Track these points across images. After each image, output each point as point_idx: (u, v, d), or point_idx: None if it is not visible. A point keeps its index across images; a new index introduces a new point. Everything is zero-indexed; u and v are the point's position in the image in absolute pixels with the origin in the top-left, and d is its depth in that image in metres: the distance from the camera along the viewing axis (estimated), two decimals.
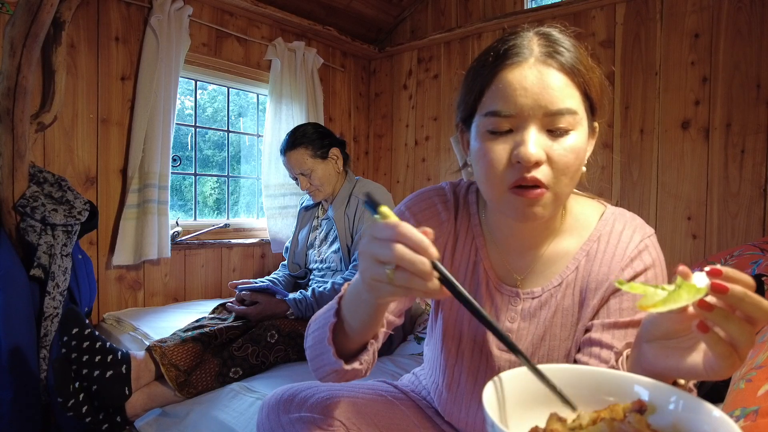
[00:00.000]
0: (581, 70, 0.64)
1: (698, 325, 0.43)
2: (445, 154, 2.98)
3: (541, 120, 0.62)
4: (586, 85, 0.65)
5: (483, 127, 0.65)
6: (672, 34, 2.19)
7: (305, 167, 1.81)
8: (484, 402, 0.42)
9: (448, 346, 0.82)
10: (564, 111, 0.62)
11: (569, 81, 0.63)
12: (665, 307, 0.43)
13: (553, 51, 0.64)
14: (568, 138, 0.63)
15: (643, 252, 0.70)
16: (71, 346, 1.31)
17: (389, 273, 0.50)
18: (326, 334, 0.65)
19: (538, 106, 0.62)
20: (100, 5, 2.00)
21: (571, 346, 0.74)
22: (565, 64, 0.63)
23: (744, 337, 0.42)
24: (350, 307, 0.63)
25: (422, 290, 0.50)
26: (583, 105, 0.65)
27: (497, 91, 0.64)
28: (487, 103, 0.65)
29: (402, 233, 0.49)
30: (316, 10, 2.80)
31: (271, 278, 1.97)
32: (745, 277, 0.42)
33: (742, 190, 2.04)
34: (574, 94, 0.63)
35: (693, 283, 0.43)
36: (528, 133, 0.62)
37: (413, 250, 0.49)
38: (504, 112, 0.63)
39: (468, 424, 0.82)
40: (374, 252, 0.51)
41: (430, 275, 0.49)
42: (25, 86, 1.51)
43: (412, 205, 0.81)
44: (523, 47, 0.64)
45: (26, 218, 1.58)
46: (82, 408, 1.30)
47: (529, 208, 0.64)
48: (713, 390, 1.12)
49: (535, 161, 0.61)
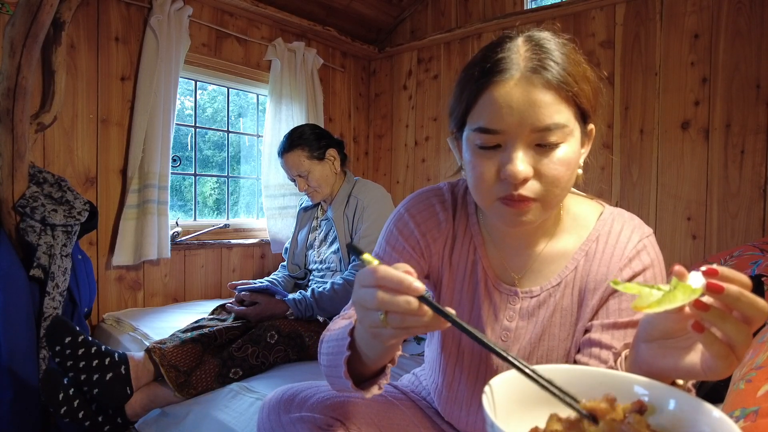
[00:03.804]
0: (570, 82, 0.62)
1: (693, 325, 0.43)
2: (445, 154, 2.98)
3: (529, 136, 0.61)
4: (576, 96, 0.62)
5: (472, 141, 0.65)
6: (672, 34, 2.19)
7: (302, 168, 1.81)
8: (484, 402, 0.42)
9: (448, 347, 0.82)
10: (552, 126, 0.61)
11: (557, 96, 0.61)
12: (660, 308, 0.43)
13: (540, 66, 0.61)
14: (557, 151, 0.62)
15: (642, 252, 0.70)
16: (66, 355, 1.30)
17: (382, 318, 0.51)
18: (342, 366, 0.63)
19: (524, 123, 0.61)
20: (100, 5, 2.00)
21: (571, 346, 0.74)
22: (552, 81, 0.61)
23: (740, 337, 0.42)
24: (363, 344, 0.61)
25: (420, 326, 0.50)
26: (574, 116, 0.63)
27: (484, 107, 0.63)
28: (475, 117, 0.64)
29: (380, 277, 0.50)
30: (316, 11, 2.81)
31: (270, 279, 1.97)
32: (742, 276, 0.42)
33: (741, 191, 2.04)
34: (562, 108, 0.61)
35: (688, 284, 0.43)
36: (515, 151, 0.61)
37: (395, 292, 0.49)
38: (491, 129, 0.62)
39: (468, 424, 0.82)
40: (361, 300, 0.52)
41: (418, 312, 0.49)
42: (25, 86, 1.51)
43: (411, 207, 0.81)
44: (510, 62, 0.62)
45: (26, 218, 1.58)
46: (78, 413, 1.30)
47: (518, 217, 0.65)
48: (713, 390, 1.12)
49: (522, 179, 0.61)
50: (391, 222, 0.82)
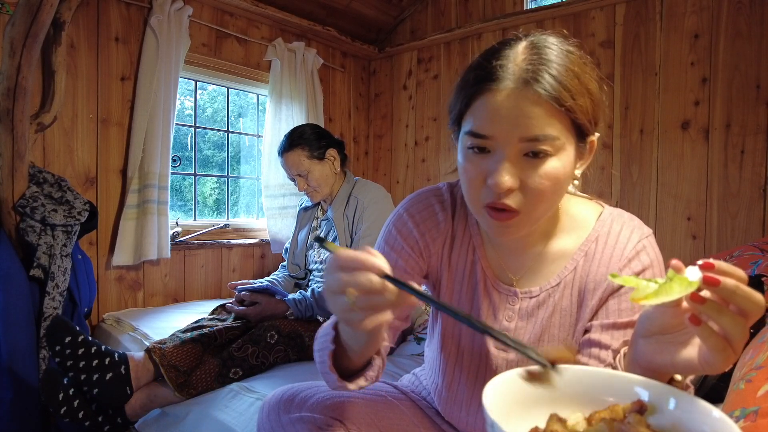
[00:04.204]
0: (565, 97, 0.60)
1: (690, 317, 0.43)
2: (445, 154, 2.97)
3: (518, 145, 0.61)
4: (570, 111, 0.61)
5: (464, 142, 0.66)
6: (672, 34, 2.19)
7: (302, 168, 1.81)
8: (484, 402, 0.42)
9: (447, 347, 0.82)
10: (541, 137, 0.60)
11: (548, 110, 0.60)
12: (657, 300, 0.43)
13: (533, 78, 0.60)
14: (546, 164, 0.61)
15: (641, 252, 0.70)
16: (66, 355, 1.31)
17: (350, 301, 0.51)
18: (327, 361, 0.65)
19: (513, 133, 0.60)
20: (100, 5, 2.00)
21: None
22: (543, 95, 0.59)
23: (737, 330, 0.42)
24: (344, 335, 0.63)
25: (386, 304, 0.51)
26: (567, 130, 0.62)
27: (475, 112, 0.63)
28: (468, 120, 0.65)
29: (341, 259, 0.51)
30: (316, 11, 2.81)
31: (270, 279, 1.97)
32: (738, 270, 0.43)
33: (741, 191, 2.04)
34: (553, 122, 0.60)
35: (685, 276, 0.43)
36: (502, 160, 0.61)
37: (355, 270, 0.51)
38: (480, 134, 0.63)
39: (468, 424, 0.82)
40: (328, 287, 0.54)
41: (380, 289, 0.50)
42: (25, 86, 1.51)
43: (410, 207, 0.81)
44: (505, 71, 0.61)
45: (26, 218, 1.58)
46: (78, 413, 1.30)
47: (501, 228, 0.66)
48: (713, 390, 1.12)
49: (505, 189, 0.61)
50: (390, 222, 0.83)
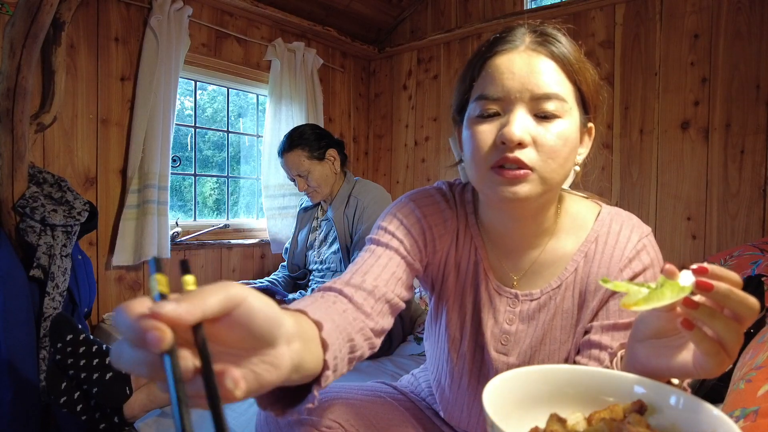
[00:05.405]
0: (573, 62, 0.65)
1: (682, 322, 0.43)
2: (445, 154, 2.97)
3: (528, 104, 0.63)
4: (576, 75, 0.65)
5: (472, 112, 0.66)
6: (671, 34, 2.19)
7: (302, 168, 1.81)
8: (484, 402, 0.42)
9: (448, 348, 0.81)
10: (551, 95, 0.62)
11: (558, 68, 0.64)
12: (648, 305, 0.42)
13: (544, 40, 0.65)
14: (556, 123, 0.63)
15: (641, 252, 0.70)
16: (66, 353, 1.31)
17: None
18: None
19: (524, 89, 0.62)
20: (99, 6, 2.00)
21: (571, 349, 0.73)
22: (556, 52, 0.64)
23: (731, 335, 0.41)
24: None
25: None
26: (574, 96, 0.65)
27: (486, 76, 0.65)
28: (477, 89, 0.67)
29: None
30: (315, 11, 2.81)
31: (270, 279, 1.97)
32: (732, 274, 0.42)
33: (741, 191, 2.04)
34: (563, 81, 0.64)
35: (677, 281, 0.43)
36: (514, 114, 0.62)
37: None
38: (491, 95, 0.64)
39: (468, 424, 0.82)
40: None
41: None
42: (25, 87, 1.51)
43: (416, 198, 0.78)
44: (515, 37, 0.66)
45: (26, 219, 1.58)
46: (77, 406, 1.31)
47: (509, 187, 0.62)
48: (713, 390, 1.12)
49: (518, 141, 0.61)
50: (393, 209, 0.78)
